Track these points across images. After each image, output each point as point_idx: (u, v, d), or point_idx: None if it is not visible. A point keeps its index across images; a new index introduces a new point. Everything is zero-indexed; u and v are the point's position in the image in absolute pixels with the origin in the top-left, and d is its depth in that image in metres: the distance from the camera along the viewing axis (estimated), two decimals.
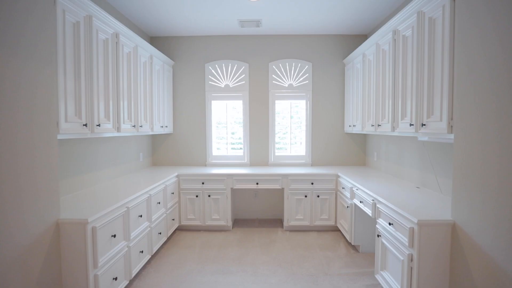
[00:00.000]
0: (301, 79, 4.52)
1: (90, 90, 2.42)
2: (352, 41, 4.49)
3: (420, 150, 3.01)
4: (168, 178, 3.61)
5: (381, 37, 3.11)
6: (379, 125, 3.16)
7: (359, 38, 4.48)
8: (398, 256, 2.17)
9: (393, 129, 2.84)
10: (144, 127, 3.49)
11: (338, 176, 3.92)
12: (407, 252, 2.04)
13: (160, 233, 3.29)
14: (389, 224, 2.30)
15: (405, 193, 2.69)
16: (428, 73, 2.24)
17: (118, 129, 2.88)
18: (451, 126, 2.01)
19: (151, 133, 3.72)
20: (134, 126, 3.20)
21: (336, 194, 3.94)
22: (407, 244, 2.04)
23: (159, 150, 4.64)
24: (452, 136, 2.03)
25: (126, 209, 2.49)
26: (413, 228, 2.00)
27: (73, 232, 2.01)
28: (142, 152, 4.25)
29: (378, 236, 2.53)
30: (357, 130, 3.93)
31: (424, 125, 2.28)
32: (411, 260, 2.02)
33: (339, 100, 4.55)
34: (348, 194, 3.44)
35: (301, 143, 4.61)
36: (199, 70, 4.56)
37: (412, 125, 2.45)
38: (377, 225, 2.57)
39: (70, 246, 2.02)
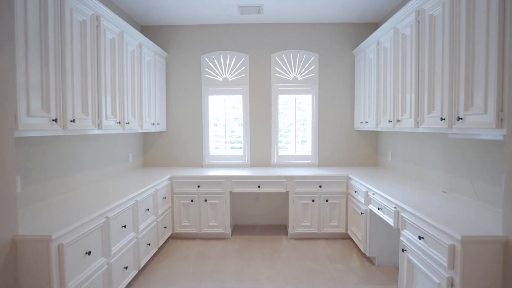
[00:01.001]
0: (306, 71, 4.13)
1: (62, 80, 2.03)
2: (362, 29, 4.10)
3: (446, 148, 2.62)
4: (159, 181, 3.22)
5: (400, 20, 2.72)
6: (398, 121, 2.77)
7: (370, 26, 4.09)
8: (433, 278, 1.78)
9: (417, 125, 2.45)
10: (132, 124, 3.10)
11: (349, 178, 3.53)
12: (446, 275, 1.66)
13: (150, 244, 2.91)
14: (419, 238, 1.92)
15: (432, 199, 2.30)
16: (466, 58, 1.85)
17: (99, 126, 2.50)
18: (501, 120, 1.62)
19: (140, 131, 3.34)
20: (119, 123, 2.81)
21: (347, 198, 3.55)
22: (445, 264, 1.65)
23: (151, 150, 4.25)
24: (500, 131, 1.65)
25: (105, 219, 2.11)
26: (454, 245, 1.62)
27: (33, 251, 1.62)
28: (131, 152, 3.86)
29: (403, 250, 2.15)
30: (370, 127, 3.54)
31: (461, 119, 1.90)
32: (452, 285, 1.63)
33: (348, 95, 4.16)
34: (362, 199, 3.05)
35: (307, 142, 4.22)
36: (194, 62, 4.17)
37: (444, 119, 2.06)
38: (401, 237, 2.19)
39: (29, 269, 1.63)
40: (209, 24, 4.13)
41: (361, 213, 3.05)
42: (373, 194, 2.78)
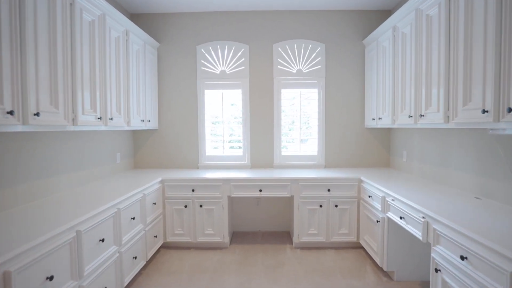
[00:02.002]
0: (312, 63, 3.76)
1: (22, 64, 1.66)
2: (373, 17, 3.73)
3: (480, 147, 2.26)
4: (149, 184, 2.85)
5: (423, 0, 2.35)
6: (421, 116, 2.40)
7: (382, 13, 3.73)
8: None
9: (447, 119, 2.08)
10: (117, 120, 2.73)
11: (361, 181, 3.16)
12: None
13: (136, 258, 2.54)
14: (462, 258, 1.55)
15: (467, 207, 1.93)
16: None
17: (74, 122, 2.12)
18: None
19: (127, 128, 2.96)
20: (100, 118, 2.43)
21: (358, 204, 3.18)
22: None
23: (142, 150, 3.88)
24: None
25: (75, 234, 1.73)
26: None
27: None
28: (119, 152, 3.49)
29: (436, 270, 1.78)
30: (384, 123, 3.17)
31: None
32: None
33: (358, 89, 3.79)
34: (378, 205, 2.68)
35: (312, 141, 3.85)
36: (189, 53, 3.80)
37: (487, 111, 1.69)
38: (433, 254, 1.82)
39: None
40: (205, 12, 3.76)
41: (377, 221, 2.68)
42: (392, 200, 2.41)
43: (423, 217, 1.94)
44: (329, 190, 3.17)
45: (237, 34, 3.77)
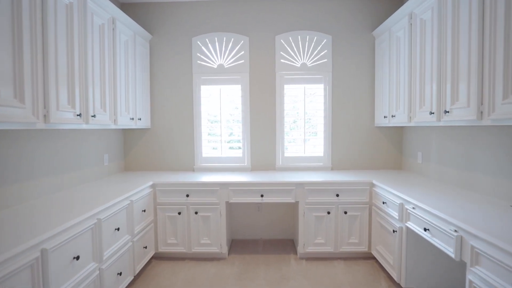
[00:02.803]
0: (317, 57, 3.47)
1: None
2: (383, 6, 3.43)
3: (510, 148, 1.96)
4: (138, 189, 2.56)
5: None
6: (446, 112, 2.10)
7: (393, 2, 3.43)
8: None
9: (481, 116, 1.79)
10: (101, 117, 2.43)
11: (372, 185, 2.86)
12: None
13: (121, 274, 2.23)
14: None
15: (507, 219, 1.63)
16: None
17: (46, 119, 1.82)
18: None
19: (113, 126, 2.66)
20: (79, 115, 2.13)
21: (370, 210, 2.89)
22: None
23: (133, 151, 3.58)
24: None
25: (39, 253, 1.43)
26: None
27: None
28: (107, 153, 3.19)
29: None
30: (398, 121, 2.87)
31: None
32: None
33: (367, 84, 3.49)
34: (394, 213, 2.38)
35: (317, 141, 3.55)
36: (184, 45, 3.50)
37: None
38: (470, 276, 1.52)
39: None
40: (202, 0, 3.46)
41: (394, 231, 2.38)
42: (413, 208, 2.12)
43: (456, 231, 1.64)
44: (337, 195, 2.87)
45: (236, 25, 3.47)
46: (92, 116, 2.29)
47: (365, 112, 3.51)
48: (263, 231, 3.57)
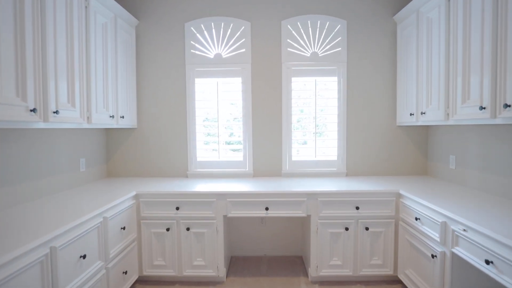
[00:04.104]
0: (330, 45, 2.99)
1: None
2: None
3: None
4: (115, 202, 2.08)
5: None
6: (508, 106, 1.62)
7: None
8: None
9: None
10: (67, 114, 1.96)
11: (399, 196, 2.39)
12: None
13: None
14: None
15: None
16: None
17: None
18: None
19: (86, 125, 2.19)
20: (34, 110, 1.65)
21: (396, 225, 2.41)
22: None
23: (117, 154, 3.10)
24: None
25: None
26: None
27: None
28: (84, 157, 2.71)
29: None
30: (430, 119, 2.38)
31: None
32: None
33: (388, 76, 3.02)
34: (434, 234, 1.90)
35: (330, 142, 3.08)
36: (176, 32, 3.03)
37: None
38: None
39: None
40: None
41: (433, 255, 1.90)
42: (464, 230, 1.64)
43: None
44: (357, 208, 2.39)
45: (236, 8, 3.00)
46: (54, 112, 1.81)
47: (385, 109, 3.04)
48: (267, 247, 3.09)
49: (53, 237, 1.47)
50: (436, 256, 1.87)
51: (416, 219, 2.11)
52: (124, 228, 2.19)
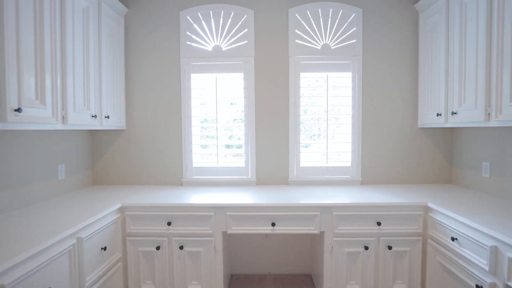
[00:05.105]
0: (344, 36, 2.66)
1: None
2: None
3: None
4: (95, 218, 1.75)
5: None
6: None
7: None
8: None
9: None
10: (34, 112, 1.62)
11: (428, 210, 2.05)
12: None
13: None
14: None
15: None
16: None
17: None
18: None
19: (60, 126, 1.85)
20: None
21: (424, 244, 2.07)
22: None
23: (104, 159, 2.76)
24: None
25: None
26: None
27: None
28: (63, 162, 2.37)
29: None
30: (465, 120, 2.04)
31: None
32: None
33: (408, 71, 2.69)
34: (480, 260, 1.56)
35: (344, 146, 2.74)
36: (170, 22, 2.69)
37: None
38: None
39: None
40: None
41: (478, 286, 1.56)
42: None
43: None
44: (379, 224, 2.05)
45: None
46: (15, 110, 1.47)
47: (405, 109, 2.70)
48: (271, 263, 2.75)
49: (9, 268, 1.13)
50: (482, 287, 1.53)
51: (453, 239, 1.77)
52: (105, 249, 1.84)
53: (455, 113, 2.14)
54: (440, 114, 2.31)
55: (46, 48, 1.70)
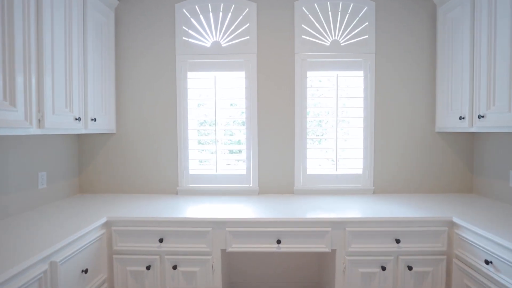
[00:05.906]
0: (355, 32, 2.43)
1: None
2: None
3: None
4: (74, 237, 1.52)
5: None
6: None
7: None
8: None
9: None
10: (4, 115, 1.38)
11: (453, 225, 1.82)
12: None
13: None
14: None
15: None
16: None
17: None
18: None
19: (36, 131, 1.61)
20: None
21: (449, 264, 1.84)
22: None
23: (92, 165, 2.53)
24: None
25: None
26: None
27: None
28: (45, 170, 2.14)
29: None
30: (495, 124, 1.81)
31: None
32: None
33: (425, 71, 2.46)
34: None
35: (354, 152, 2.51)
36: (164, 16, 2.46)
37: None
38: None
39: None
40: None
41: None
42: None
43: None
44: (398, 241, 1.82)
45: None
46: None
47: (421, 111, 2.47)
48: (275, 281, 2.51)
49: None
50: None
51: (487, 262, 1.54)
52: (86, 272, 1.61)
53: (482, 117, 1.90)
54: (464, 118, 2.08)
55: (17, 41, 1.47)
